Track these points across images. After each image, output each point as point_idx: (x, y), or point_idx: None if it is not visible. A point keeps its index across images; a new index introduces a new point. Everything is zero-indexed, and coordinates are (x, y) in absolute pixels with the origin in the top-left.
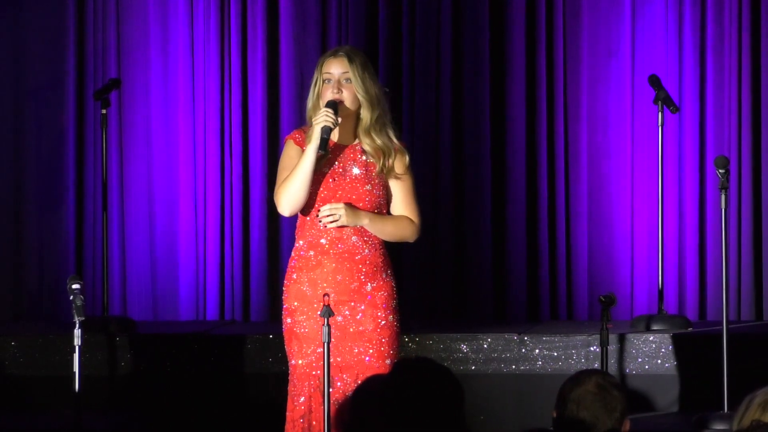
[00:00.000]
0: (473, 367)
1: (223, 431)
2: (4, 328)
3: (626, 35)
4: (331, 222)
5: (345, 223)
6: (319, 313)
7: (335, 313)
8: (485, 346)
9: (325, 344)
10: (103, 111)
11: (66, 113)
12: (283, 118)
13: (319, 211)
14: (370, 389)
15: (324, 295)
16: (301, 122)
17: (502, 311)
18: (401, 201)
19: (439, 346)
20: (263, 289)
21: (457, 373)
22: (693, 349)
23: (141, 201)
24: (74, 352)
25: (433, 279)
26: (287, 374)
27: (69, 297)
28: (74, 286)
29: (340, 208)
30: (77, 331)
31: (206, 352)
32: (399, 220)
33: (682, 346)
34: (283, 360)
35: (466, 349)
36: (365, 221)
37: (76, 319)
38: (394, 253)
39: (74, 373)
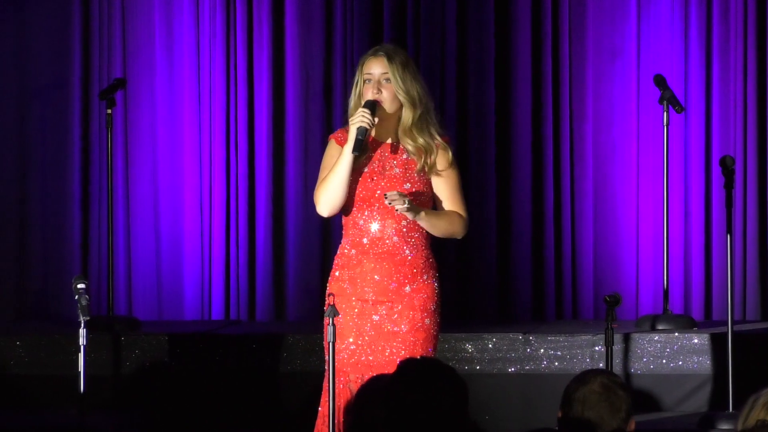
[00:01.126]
0: (478, 367)
1: (228, 430)
2: (9, 328)
3: (632, 35)
4: (401, 204)
5: (408, 210)
6: (360, 311)
7: (372, 312)
8: (490, 345)
9: (330, 344)
10: (109, 111)
11: (71, 113)
12: (288, 118)
13: (386, 199)
14: (373, 388)
15: (328, 295)
16: (307, 122)
17: (507, 311)
18: (447, 197)
19: (444, 346)
20: (269, 288)
21: (462, 373)
22: (698, 348)
23: (146, 200)
24: (79, 351)
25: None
26: (293, 374)
27: (74, 296)
28: (79, 286)
29: (405, 196)
30: (82, 331)
31: (211, 351)
32: (449, 216)
33: (687, 345)
34: (288, 359)
35: (471, 348)
36: (422, 216)
37: (82, 319)
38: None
39: (79, 372)
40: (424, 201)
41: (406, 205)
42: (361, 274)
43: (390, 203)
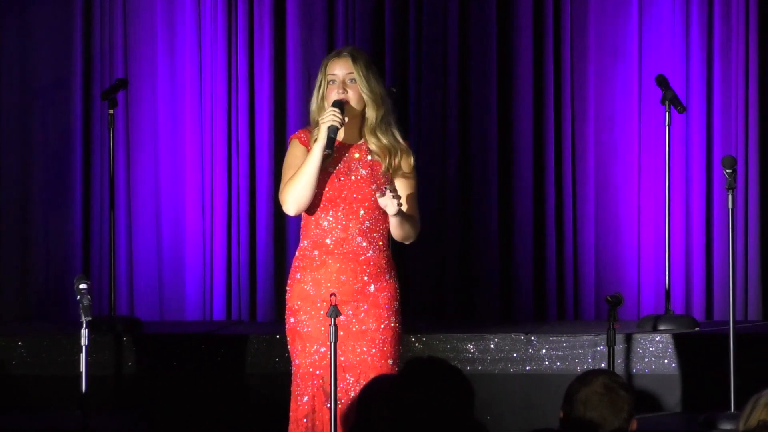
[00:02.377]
0: (480, 367)
1: (230, 431)
2: (11, 328)
3: (633, 35)
4: (399, 205)
5: (399, 207)
6: (325, 313)
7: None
8: (492, 346)
9: (332, 344)
10: (111, 111)
11: (73, 113)
12: (289, 118)
13: (391, 195)
14: (376, 389)
15: (331, 295)
16: (308, 121)
17: (509, 311)
18: (408, 200)
19: (446, 346)
20: (270, 289)
21: (464, 373)
22: (700, 349)
23: (148, 201)
24: (81, 351)
25: (440, 279)
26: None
27: (76, 297)
28: (81, 286)
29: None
30: (84, 331)
31: (213, 352)
32: (413, 219)
33: (689, 346)
34: (289, 360)
35: (473, 349)
36: (398, 215)
37: (83, 319)
38: (399, 253)
39: (81, 372)
40: None
41: (396, 209)
42: (326, 275)
43: (384, 204)
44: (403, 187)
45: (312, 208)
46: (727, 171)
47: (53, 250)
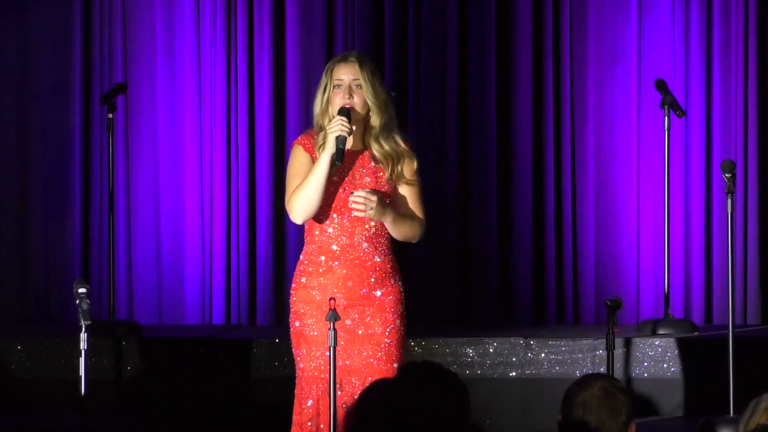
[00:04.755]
0: (479, 371)
1: None
2: (11, 332)
3: (632, 39)
4: (360, 211)
5: (371, 216)
6: (326, 317)
7: (344, 317)
8: (491, 350)
9: (331, 348)
10: (110, 115)
11: (72, 117)
12: (289, 122)
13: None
14: (375, 392)
15: (330, 299)
16: (307, 126)
17: (508, 315)
18: (412, 203)
19: (445, 350)
20: (269, 293)
21: (463, 377)
22: (699, 353)
23: (147, 205)
24: (80, 355)
25: (439, 283)
26: (294, 378)
27: (75, 301)
28: (80, 290)
29: (372, 201)
30: (83, 335)
31: (212, 355)
32: (413, 221)
33: (688, 350)
34: (289, 364)
35: (472, 353)
36: (389, 219)
37: (83, 323)
38: (398, 257)
39: (80, 376)
40: (392, 208)
41: (368, 213)
42: (332, 280)
43: (351, 205)
44: (406, 192)
45: (318, 215)
46: (727, 175)
47: (52, 254)
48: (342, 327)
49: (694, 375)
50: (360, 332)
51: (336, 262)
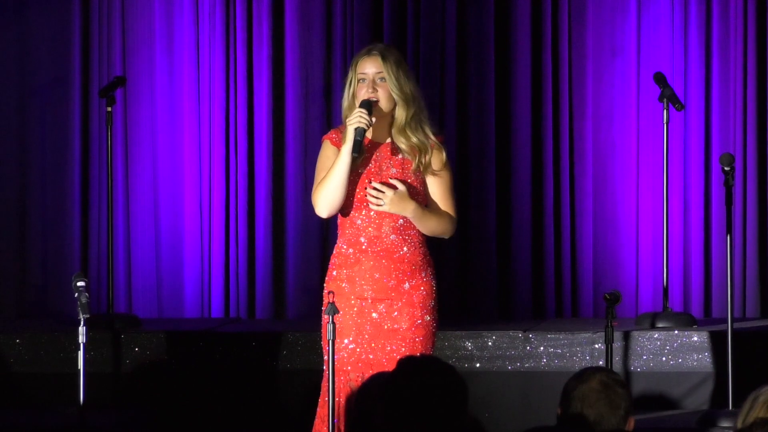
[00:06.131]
0: (478, 365)
1: (228, 428)
2: (10, 326)
3: (632, 33)
4: (375, 205)
5: (388, 210)
6: (359, 310)
7: (371, 310)
8: (490, 343)
9: (330, 342)
10: (109, 109)
11: (71, 111)
12: (288, 117)
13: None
14: (374, 385)
15: (328, 293)
16: (307, 121)
17: (506, 308)
18: (439, 197)
19: (443, 344)
20: (268, 286)
21: (461, 371)
22: (698, 346)
23: (146, 198)
24: (79, 349)
25: (437, 276)
26: (292, 372)
27: (74, 294)
28: (79, 284)
29: (387, 194)
30: (82, 329)
31: (211, 349)
32: (440, 215)
33: (687, 343)
34: (288, 357)
35: (470, 346)
36: (409, 212)
37: (81, 317)
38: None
39: (79, 370)
40: (420, 201)
41: (384, 206)
42: (360, 273)
43: (368, 197)
44: (434, 183)
45: (345, 208)
46: (725, 168)
47: (51, 247)
48: (368, 320)
49: (693, 368)
50: (386, 327)
51: (363, 255)
